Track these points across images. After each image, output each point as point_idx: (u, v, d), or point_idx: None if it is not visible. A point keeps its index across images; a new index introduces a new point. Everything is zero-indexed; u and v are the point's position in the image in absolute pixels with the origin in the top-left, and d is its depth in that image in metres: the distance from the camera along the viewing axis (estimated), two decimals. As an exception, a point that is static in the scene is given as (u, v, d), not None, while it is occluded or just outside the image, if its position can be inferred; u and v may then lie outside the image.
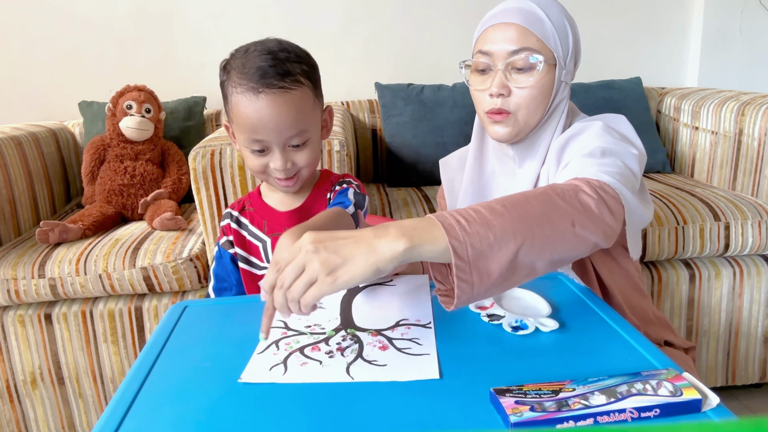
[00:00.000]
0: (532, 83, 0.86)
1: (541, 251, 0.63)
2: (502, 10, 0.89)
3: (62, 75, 2.16)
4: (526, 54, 0.86)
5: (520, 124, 0.89)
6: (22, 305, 1.49)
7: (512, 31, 0.86)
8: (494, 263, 0.60)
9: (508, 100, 0.88)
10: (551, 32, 0.87)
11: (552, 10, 0.88)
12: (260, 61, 0.80)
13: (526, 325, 0.68)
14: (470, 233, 0.60)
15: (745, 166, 1.69)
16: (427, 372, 0.60)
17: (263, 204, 0.94)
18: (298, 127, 0.82)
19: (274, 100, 0.79)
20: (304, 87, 0.82)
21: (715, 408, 0.52)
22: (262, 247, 0.94)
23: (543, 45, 0.86)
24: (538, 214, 0.64)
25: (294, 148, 0.84)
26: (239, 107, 0.80)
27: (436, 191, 1.85)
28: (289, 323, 0.72)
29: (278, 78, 0.79)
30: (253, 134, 0.81)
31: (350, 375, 0.60)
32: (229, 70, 0.83)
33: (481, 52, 0.89)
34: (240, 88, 0.80)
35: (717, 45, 2.31)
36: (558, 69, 0.88)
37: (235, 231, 0.94)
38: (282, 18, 2.19)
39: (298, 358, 0.64)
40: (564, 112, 0.92)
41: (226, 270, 0.96)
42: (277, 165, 0.83)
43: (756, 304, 1.58)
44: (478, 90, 0.91)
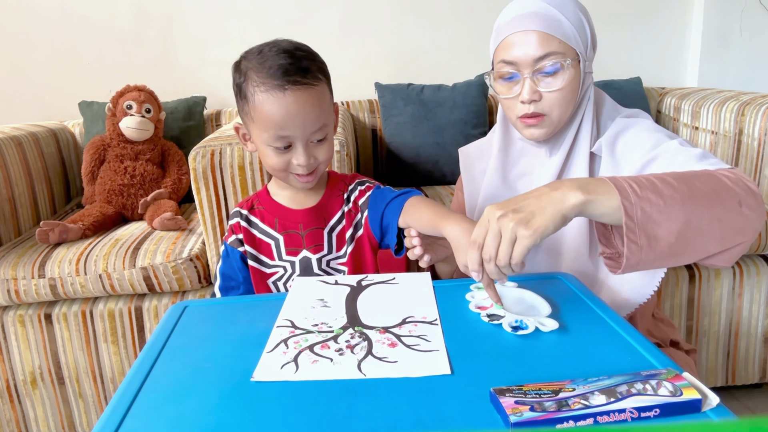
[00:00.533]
0: (562, 84, 0.87)
1: (709, 226, 0.65)
2: (519, 17, 0.88)
3: (62, 75, 2.16)
4: (552, 58, 0.86)
5: (554, 123, 0.90)
6: (22, 305, 1.49)
7: (533, 38, 0.86)
8: (663, 230, 0.63)
9: (540, 104, 0.89)
10: (571, 31, 0.87)
11: (567, 7, 0.88)
12: (279, 59, 0.81)
13: (526, 325, 0.68)
14: (641, 197, 0.63)
15: (745, 166, 1.69)
16: (438, 368, 0.61)
17: (273, 202, 0.95)
18: (321, 122, 0.84)
19: (301, 96, 0.81)
20: (323, 83, 0.85)
21: (715, 408, 0.52)
22: (275, 245, 0.94)
23: (565, 45, 0.87)
24: (708, 189, 0.66)
25: (316, 143, 0.86)
26: (264, 105, 0.81)
27: (436, 191, 1.85)
28: (296, 322, 0.72)
29: (301, 75, 0.81)
30: (280, 131, 0.82)
31: (362, 372, 0.61)
32: (245, 71, 0.84)
33: (505, 61, 0.89)
34: (263, 86, 0.81)
35: (717, 45, 2.31)
36: (582, 62, 0.89)
37: (245, 229, 0.94)
38: (282, 18, 2.19)
39: (309, 356, 0.64)
40: (591, 98, 0.93)
41: (234, 269, 0.96)
42: (301, 161, 0.85)
43: (756, 304, 1.58)
44: (508, 98, 0.91)
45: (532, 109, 0.89)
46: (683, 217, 0.63)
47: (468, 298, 0.77)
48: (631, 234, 0.62)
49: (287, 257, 0.93)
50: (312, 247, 0.93)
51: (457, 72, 2.19)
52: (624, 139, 0.88)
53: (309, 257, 0.93)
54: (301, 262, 0.93)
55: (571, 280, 0.84)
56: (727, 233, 0.67)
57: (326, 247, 0.93)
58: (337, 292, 0.81)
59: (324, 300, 0.79)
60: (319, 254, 0.93)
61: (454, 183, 1.93)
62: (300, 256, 0.93)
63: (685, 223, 0.63)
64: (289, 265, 0.93)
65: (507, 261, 0.64)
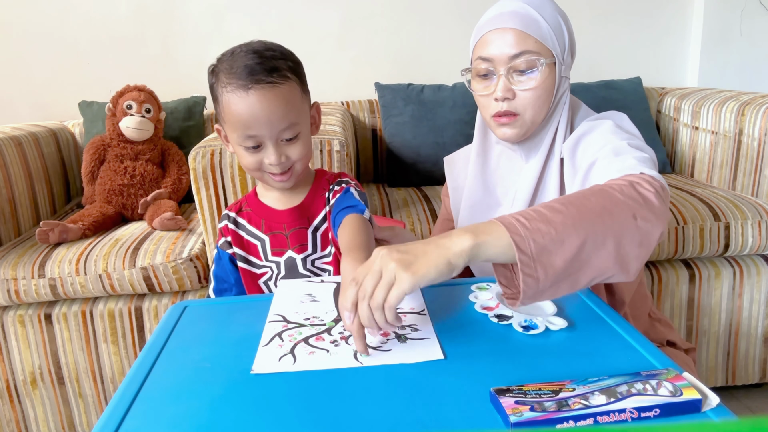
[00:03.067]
0: (535, 84, 0.88)
1: (604, 245, 0.64)
2: (498, 15, 0.90)
3: (62, 75, 2.16)
4: (527, 57, 0.87)
5: (527, 124, 0.91)
6: (22, 305, 1.49)
7: (510, 36, 0.87)
8: (558, 258, 0.61)
9: (513, 102, 0.89)
10: (548, 32, 0.88)
11: (545, 9, 0.89)
12: (247, 59, 0.82)
13: (536, 324, 0.68)
14: (531, 229, 0.61)
15: (745, 166, 1.69)
16: (432, 353, 0.63)
17: (260, 203, 0.95)
18: (289, 120, 0.84)
19: (264, 95, 0.81)
20: (291, 81, 0.85)
21: (715, 408, 0.52)
22: (261, 246, 0.94)
23: (541, 46, 0.88)
24: (598, 208, 0.65)
25: (286, 142, 0.85)
26: (230, 105, 0.82)
27: (436, 191, 1.85)
28: (287, 316, 0.73)
29: (266, 74, 0.82)
30: (246, 130, 0.83)
31: (359, 360, 0.63)
32: (218, 72, 0.85)
33: (482, 58, 0.90)
34: (229, 87, 0.82)
35: (717, 45, 2.31)
36: (557, 65, 0.89)
37: (232, 231, 0.95)
38: (282, 18, 2.18)
39: (305, 348, 0.66)
40: (566, 104, 0.93)
41: (225, 271, 0.97)
42: (272, 159, 0.84)
43: (756, 304, 1.57)
44: (482, 95, 0.92)
45: (505, 107, 0.89)
46: (576, 240, 0.62)
47: (472, 299, 0.77)
48: (526, 268, 0.60)
49: (273, 258, 0.94)
50: (297, 247, 0.93)
51: (457, 72, 2.18)
52: (584, 143, 0.87)
53: (294, 257, 0.93)
54: (286, 262, 0.93)
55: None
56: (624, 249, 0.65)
57: (310, 247, 0.94)
58: (324, 288, 0.82)
59: (312, 295, 0.80)
60: (304, 254, 0.93)
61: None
62: (285, 257, 0.93)
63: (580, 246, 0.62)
64: (275, 265, 0.94)
65: (381, 302, 0.59)
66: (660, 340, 1.00)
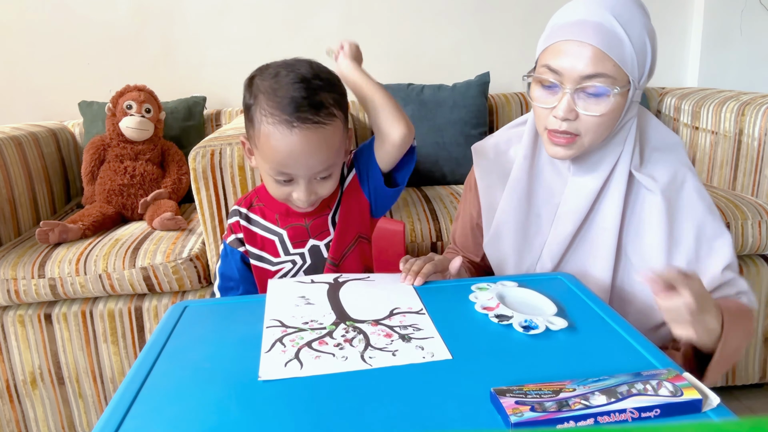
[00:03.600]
0: (602, 112, 0.81)
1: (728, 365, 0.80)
2: (579, 23, 0.80)
3: (62, 75, 2.16)
4: (600, 80, 0.79)
5: (583, 147, 0.85)
6: (22, 305, 1.49)
7: (587, 52, 0.79)
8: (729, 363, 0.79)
9: (574, 124, 0.83)
10: (630, 56, 0.80)
11: (634, 26, 0.80)
12: (293, 90, 0.77)
13: (536, 324, 0.68)
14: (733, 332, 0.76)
15: (745, 166, 1.69)
16: (439, 353, 0.63)
17: (272, 198, 0.92)
18: (328, 163, 0.81)
19: (308, 137, 0.77)
20: (337, 120, 0.81)
21: (716, 408, 0.52)
22: (279, 240, 0.92)
23: (619, 70, 0.80)
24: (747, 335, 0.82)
25: (319, 180, 0.83)
26: (270, 139, 0.78)
27: (436, 191, 1.85)
28: (284, 321, 0.73)
29: (312, 112, 0.77)
30: (282, 167, 0.80)
31: (366, 362, 0.62)
32: (257, 94, 0.80)
33: (549, 68, 0.82)
34: (271, 118, 0.77)
35: (717, 45, 2.31)
36: (631, 91, 0.82)
37: (245, 228, 0.93)
38: (282, 18, 2.18)
39: (309, 352, 0.65)
40: (633, 126, 0.87)
41: (232, 268, 0.95)
42: (301, 197, 0.82)
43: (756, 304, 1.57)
44: (542, 107, 0.85)
45: (564, 126, 0.82)
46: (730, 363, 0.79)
47: (472, 299, 0.77)
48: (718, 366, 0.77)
49: (295, 250, 0.92)
50: (318, 234, 0.92)
51: (457, 72, 2.19)
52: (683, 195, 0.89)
53: (317, 245, 0.92)
54: (310, 251, 0.92)
55: (570, 279, 0.84)
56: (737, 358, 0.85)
57: (331, 231, 0.92)
58: (316, 290, 0.82)
59: (306, 297, 0.79)
60: (327, 239, 0.92)
61: (454, 183, 1.93)
62: (308, 246, 0.92)
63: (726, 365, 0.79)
64: (298, 257, 0.92)
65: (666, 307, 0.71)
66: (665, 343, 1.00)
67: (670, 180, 0.88)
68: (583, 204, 0.90)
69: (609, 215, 0.90)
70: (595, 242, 0.92)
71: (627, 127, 0.88)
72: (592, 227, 0.93)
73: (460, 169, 1.92)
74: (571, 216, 0.92)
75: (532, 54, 0.91)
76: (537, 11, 2.23)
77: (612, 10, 0.80)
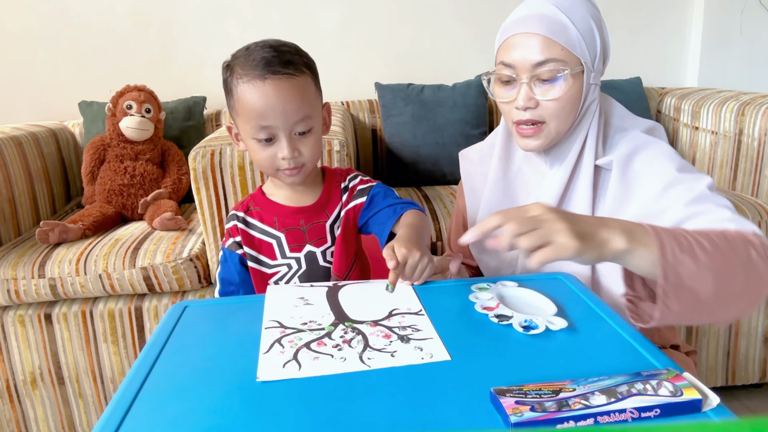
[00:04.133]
0: (559, 94, 0.84)
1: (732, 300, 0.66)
2: (524, 17, 0.85)
3: (62, 75, 2.16)
4: (551, 65, 0.83)
5: (552, 134, 0.87)
6: (22, 305, 1.49)
7: (535, 41, 0.83)
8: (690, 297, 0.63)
9: (536, 111, 0.85)
10: (577, 38, 0.83)
11: (576, 12, 0.84)
12: (263, 53, 0.83)
13: (536, 324, 0.68)
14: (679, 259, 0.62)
15: (745, 166, 1.69)
16: (438, 354, 0.63)
17: (270, 202, 0.95)
18: (304, 112, 0.84)
19: (280, 85, 0.82)
20: (306, 75, 0.86)
21: (716, 408, 0.52)
22: (277, 243, 0.94)
23: (568, 53, 0.83)
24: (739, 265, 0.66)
25: (299, 136, 0.86)
26: (246, 95, 0.83)
27: (436, 191, 1.85)
28: (283, 321, 0.73)
29: (282, 66, 0.83)
30: (260, 120, 0.83)
31: (365, 363, 0.62)
32: (233, 67, 0.85)
33: (504, 63, 0.86)
34: (245, 77, 0.82)
35: (717, 45, 2.31)
36: (586, 73, 0.85)
37: (242, 231, 0.94)
38: (282, 18, 2.19)
39: (308, 353, 0.65)
40: (596, 112, 0.89)
41: (232, 272, 0.96)
42: (285, 153, 0.85)
43: (756, 304, 1.57)
44: (504, 102, 0.88)
45: (528, 116, 0.86)
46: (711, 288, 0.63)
47: (472, 299, 0.77)
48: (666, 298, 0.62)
49: (291, 254, 0.93)
50: (315, 241, 0.94)
51: (457, 72, 2.19)
52: (641, 160, 0.85)
53: (313, 251, 0.94)
54: (306, 256, 0.93)
55: (570, 280, 0.84)
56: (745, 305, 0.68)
57: (329, 240, 0.94)
58: (315, 292, 0.82)
59: (305, 298, 0.79)
60: (323, 247, 0.94)
61: (454, 183, 1.93)
62: (304, 251, 0.93)
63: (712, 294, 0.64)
64: (294, 261, 0.94)
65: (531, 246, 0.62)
66: (663, 345, 1.00)
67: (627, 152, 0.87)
68: (552, 196, 0.92)
69: (578, 206, 0.90)
70: None
71: (590, 113, 0.89)
72: None
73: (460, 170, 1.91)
74: None
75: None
76: (537, 11, 2.22)
77: (554, 1, 0.84)
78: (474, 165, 1.07)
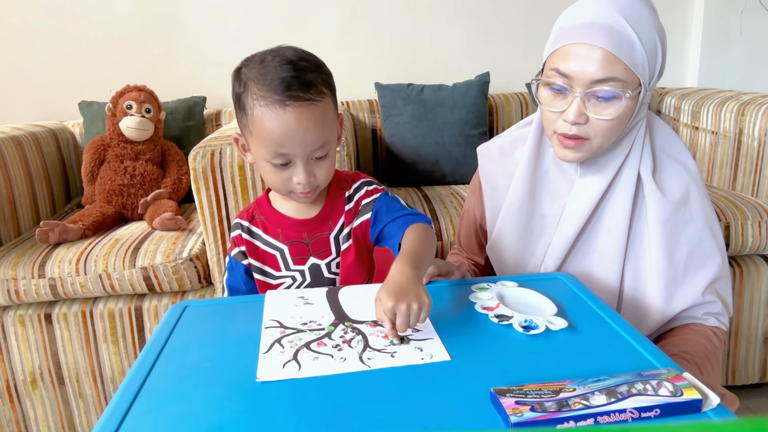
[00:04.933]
0: (613, 116, 0.79)
1: None
2: (587, 25, 0.78)
3: (62, 75, 2.16)
4: (611, 84, 0.78)
5: (593, 150, 0.84)
6: (22, 305, 1.49)
7: (597, 56, 0.77)
8: None
9: (584, 128, 0.81)
10: (641, 57, 0.78)
11: (644, 26, 0.78)
12: (281, 71, 0.77)
13: (536, 324, 0.68)
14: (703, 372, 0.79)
15: (745, 166, 1.69)
16: (438, 354, 0.63)
17: (275, 212, 0.92)
18: (323, 139, 0.80)
19: (302, 113, 0.77)
20: (327, 98, 0.81)
21: (716, 408, 0.52)
22: (280, 256, 0.91)
23: (630, 73, 0.78)
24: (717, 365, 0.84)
25: (316, 160, 0.82)
26: (264, 121, 0.78)
27: (436, 191, 1.85)
28: (283, 321, 0.73)
29: (303, 90, 0.77)
30: (278, 148, 0.79)
31: (365, 363, 0.62)
32: (246, 81, 0.80)
33: (559, 72, 0.80)
34: (263, 101, 0.77)
35: (717, 45, 2.31)
36: (642, 93, 0.81)
37: (247, 241, 0.92)
38: (282, 18, 2.19)
39: (308, 353, 0.65)
40: (642, 127, 0.86)
41: (239, 281, 0.94)
42: (301, 179, 0.81)
43: (756, 304, 1.57)
44: (552, 111, 0.83)
45: (574, 131, 0.81)
46: None
47: (472, 299, 0.77)
48: None
49: (295, 267, 0.91)
50: (319, 254, 0.91)
51: (457, 72, 2.19)
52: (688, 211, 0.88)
53: (318, 263, 0.91)
54: (310, 269, 0.91)
55: (570, 280, 0.84)
56: None
57: (333, 251, 0.91)
58: (315, 292, 0.82)
59: (305, 298, 0.79)
60: (328, 259, 0.91)
61: (454, 183, 1.93)
62: (308, 264, 0.91)
63: None
64: (298, 274, 0.91)
65: None
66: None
67: (680, 194, 0.88)
68: (587, 205, 0.89)
69: (615, 217, 0.89)
70: (599, 245, 0.91)
71: (636, 129, 0.86)
72: (596, 229, 0.92)
73: (460, 169, 1.92)
74: (575, 217, 0.91)
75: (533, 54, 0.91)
76: (537, 12, 2.23)
77: (621, 10, 0.78)
78: (494, 162, 1.01)
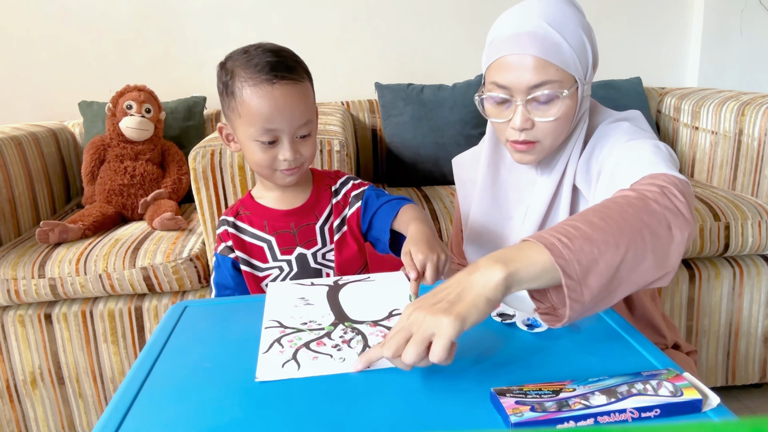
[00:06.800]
0: (557, 116, 0.82)
1: (644, 260, 0.61)
2: (514, 36, 0.81)
3: (62, 75, 2.16)
4: (548, 87, 0.80)
5: (546, 150, 0.86)
6: (22, 305, 1.49)
7: (529, 63, 0.79)
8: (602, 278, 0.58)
9: (532, 132, 0.84)
10: (570, 56, 0.80)
11: (568, 27, 0.80)
12: (266, 57, 0.84)
13: (540, 323, 0.68)
14: (574, 250, 0.57)
15: (745, 166, 1.69)
16: None
17: (260, 206, 0.96)
18: (307, 117, 0.87)
19: (288, 90, 0.84)
20: (307, 81, 0.89)
21: (716, 408, 0.52)
22: (267, 247, 0.95)
23: (563, 72, 0.80)
24: (638, 223, 0.62)
25: (300, 139, 0.88)
26: (252, 99, 0.83)
27: (436, 191, 1.85)
28: (283, 321, 0.73)
29: (288, 70, 0.84)
30: (267, 124, 0.84)
31: None
32: (232, 69, 0.86)
33: (498, 84, 0.83)
34: (251, 81, 0.83)
35: (717, 45, 2.31)
36: (579, 87, 0.83)
37: (233, 236, 0.95)
38: (282, 18, 2.18)
39: (307, 353, 0.65)
40: (585, 120, 0.88)
41: (226, 277, 0.97)
42: (287, 155, 0.86)
43: (756, 304, 1.57)
44: (500, 122, 0.86)
45: (523, 136, 0.84)
46: (618, 258, 0.59)
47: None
48: (573, 293, 0.57)
49: (282, 257, 0.95)
50: (305, 243, 0.95)
51: (457, 72, 2.19)
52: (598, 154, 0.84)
53: (304, 253, 0.95)
54: (297, 259, 0.95)
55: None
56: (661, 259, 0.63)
57: (319, 242, 0.95)
58: (316, 291, 0.82)
59: (305, 298, 0.80)
60: (314, 249, 0.95)
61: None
62: (295, 254, 0.95)
63: (621, 264, 0.59)
64: (285, 264, 0.95)
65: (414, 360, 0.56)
66: (666, 344, 1.00)
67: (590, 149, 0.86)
68: (541, 204, 0.91)
69: (562, 214, 0.90)
70: None
71: (582, 122, 0.88)
72: None
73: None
74: (532, 218, 0.92)
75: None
76: (537, 11, 2.22)
77: (544, 16, 0.80)
78: (466, 171, 1.06)
